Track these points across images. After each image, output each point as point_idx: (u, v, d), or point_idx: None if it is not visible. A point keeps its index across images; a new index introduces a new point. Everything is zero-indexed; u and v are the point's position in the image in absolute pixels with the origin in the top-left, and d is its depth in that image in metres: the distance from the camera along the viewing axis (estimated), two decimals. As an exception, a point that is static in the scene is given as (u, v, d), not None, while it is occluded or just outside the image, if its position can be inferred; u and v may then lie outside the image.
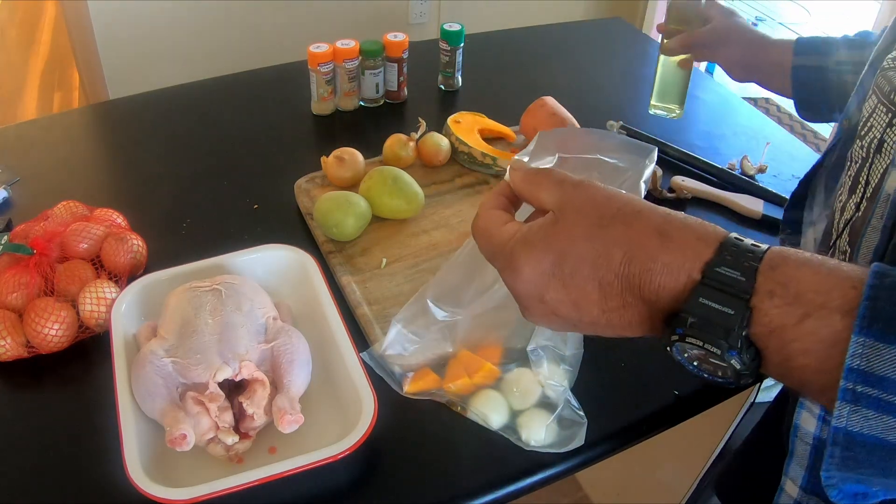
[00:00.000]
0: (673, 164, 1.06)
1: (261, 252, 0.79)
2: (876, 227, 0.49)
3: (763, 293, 0.37)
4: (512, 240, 0.45)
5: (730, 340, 0.37)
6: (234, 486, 0.58)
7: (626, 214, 0.41)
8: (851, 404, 0.34)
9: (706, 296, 0.38)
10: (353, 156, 0.95)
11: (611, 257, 0.40)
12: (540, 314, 0.44)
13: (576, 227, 0.42)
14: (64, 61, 2.80)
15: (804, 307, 0.36)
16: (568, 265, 0.42)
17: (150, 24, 1.94)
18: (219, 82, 1.22)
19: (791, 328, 0.36)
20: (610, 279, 0.41)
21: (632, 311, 0.41)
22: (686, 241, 0.39)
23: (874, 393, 0.34)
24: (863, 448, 0.35)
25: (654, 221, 0.41)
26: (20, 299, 0.73)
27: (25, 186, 0.95)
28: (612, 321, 0.42)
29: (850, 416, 0.34)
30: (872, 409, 0.34)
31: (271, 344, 0.67)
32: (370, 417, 0.63)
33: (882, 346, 0.33)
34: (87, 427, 0.67)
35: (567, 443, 0.66)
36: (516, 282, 0.44)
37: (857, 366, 0.34)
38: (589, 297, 0.42)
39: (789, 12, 2.27)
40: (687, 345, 0.39)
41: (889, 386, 0.33)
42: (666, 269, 0.39)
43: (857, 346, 0.34)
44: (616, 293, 0.41)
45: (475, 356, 0.71)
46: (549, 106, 1.03)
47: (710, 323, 0.38)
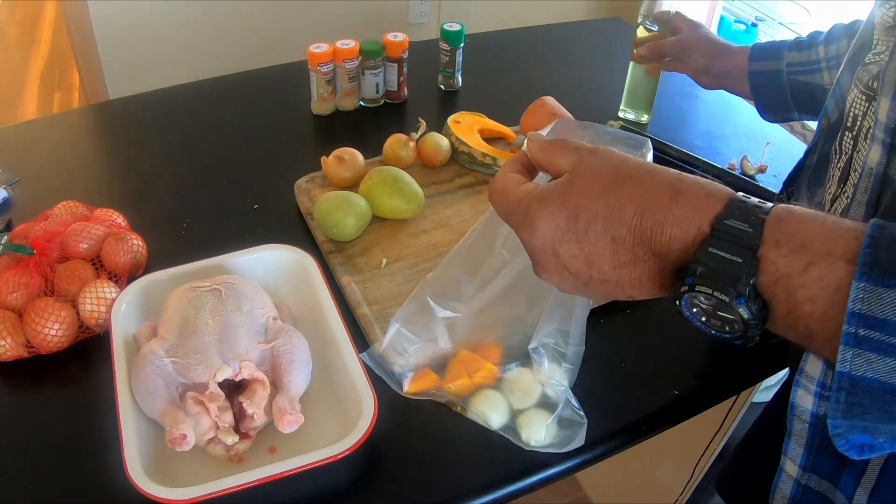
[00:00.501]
0: (673, 164, 1.06)
1: (261, 252, 0.79)
2: (860, 201, 0.51)
3: (770, 243, 0.38)
4: (528, 196, 0.46)
5: (738, 288, 0.38)
6: (234, 486, 0.58)
7: (640, 173, 0.43)
8: (854, 348, 0.35)
9: (715, 246, 0.39)
10: (353, 156, 0.95)
11: (623, 212, 0.42)
12: (553, 270, 0.46)
13: (591, 185, 0.44)
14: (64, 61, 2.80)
15: (809, 255, 0.37)
16: (582, 220, 0.43)
17: (150, 24, 1.94)
18: (219, 82, 1.22)
19: (797, 276, 0.37)
20: (622, 234, 0.42)
21: (642, 267, 0.43)
22: (697, 197, 0.41)
23: (876, 336, 0.35)
24: (867, 392, 0.36)
25: (667, 179, 0.42)
26: (20, 299, 0.73)
27: (25, 186, 0.95)
28: (623, 277, 0.44)
29: (853, 360, 0.36)
30: (874, 351, 0.35)
31: (271, 344, 0.67)
32: (370, 417, 0.63)
33: (882, 291, 0.34)
34: (87, 427, 0.67)
35: (567, 443, 0.66)
36: (532, 236, 0.45)
37: (859, 310, 0.35)
38: (601, 253, 0.43)
39: (789, 12, 2.27)
40: (697, 293, 0.40)
41: (890, 328, 0.34)
42: (677, 221, 0.41)
43: (859, 292, 0.35)
44: (628, 247, 0.42)
45: (475, 356, 0.71)
46: (549, 106, 1.03)
47: (719, 271, 0.39)
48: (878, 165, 0.49)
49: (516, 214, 0.47)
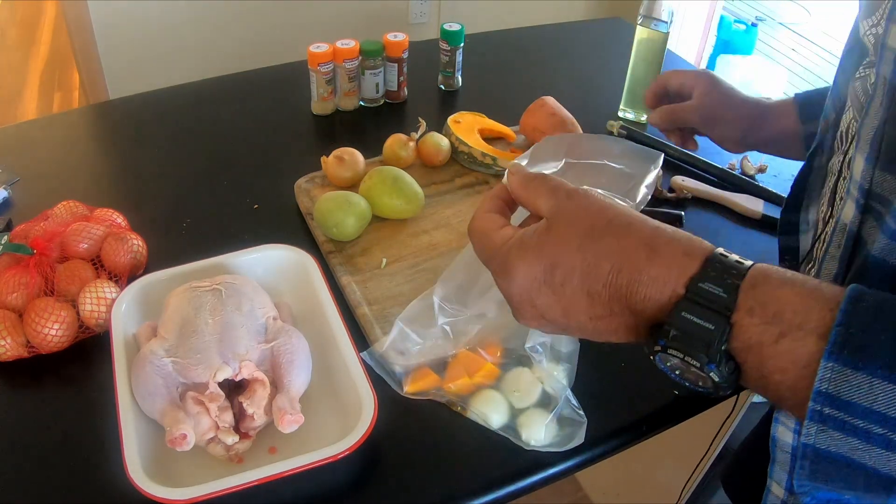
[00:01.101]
0: (673, 164, 1.06)
1: (261, 252, 0.79)
2: (833, 255, 0.49)
3: (744, 310, 0.38)
4: (506, 244, 0.46)
5: (709, 354, 0.39)
6: (234, 486, 0.58)
7: (617, 226, 0.43)
8: (819, 424, 0.36)
9: (688, 310, 0.39)
10: (353, 156, 0.95)
11: (600, 268, 0.42)
12: (530, 317, 0.46)
13: (568, 236, 0.44)
14: (64, 61, 2.80)
15: (781, 326, 0.37)
16: (559, 274, 0.43)
17: (150, 24, 1.94)
18: (219, 82, 1.22)
19: (768, 346, 0.37)
20: (598, 289, 0.42)
21: (618, 320, 0.43)
22: (673, 256, 0.41)
23: (840, 416, 0.35)
24: (830, 464, 0.36)
25: (644, 235, 0.42)
26: (20, 299, 0.73)
27: (25, 186, 0.95)
28: (600, 328, 0.44)
29: (817, 435, 0.36)
30: (838, 430, 0.35)
31: (271, 344, 0.67)
32: (370, 417, 0.63)
33: (850, 372, 0.34)
34: (87, 427, 0.67)
35: (567, 442, 0.66)
36: (510, 286, 0.46)
37: (826, 389, 0.35)
38: (578, 305, 0.43)
39: (789, 12, 2.27)
40: (669, 356, 0.41)
41: (854, 410, 0.34)
42: (652, 281, 0.41)
43: (826, 371, 0.35)
44: (604, 302, 0.43)
45: (475, 356, 0.71)
46: (549, 106, 1.03)
47: (692, 336, 0.39)
48: (852, 223, 0.47)
49: (495, 262, 0.47)
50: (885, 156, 0.43)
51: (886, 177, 0.43)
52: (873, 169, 0.44)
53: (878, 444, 0.35)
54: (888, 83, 0.42)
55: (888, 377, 0.34)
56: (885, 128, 0.43)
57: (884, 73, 0.42)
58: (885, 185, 0.44)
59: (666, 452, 1.24)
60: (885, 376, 0.34)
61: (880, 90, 0.43)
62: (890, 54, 0.42)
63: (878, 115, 0.43)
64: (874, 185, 0.44)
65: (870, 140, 0.44)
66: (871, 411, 0.34)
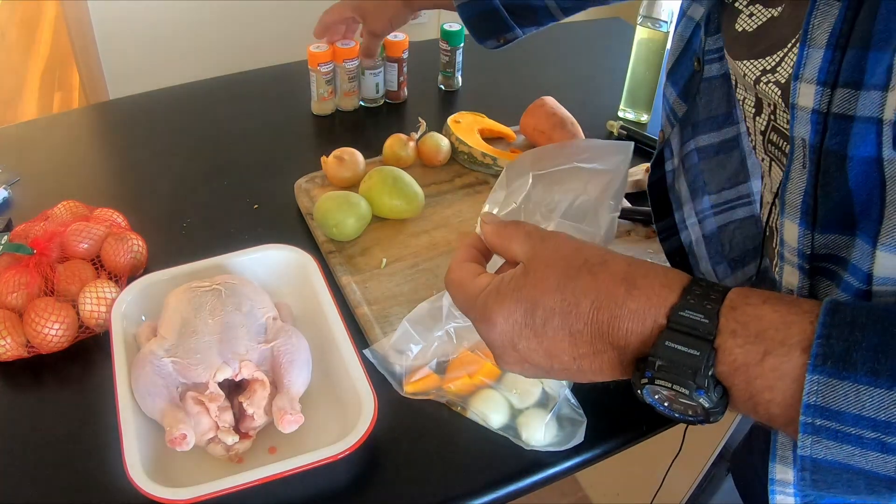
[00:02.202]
0: (673, 164, 1.06)
1: (261, 252, 0.79)
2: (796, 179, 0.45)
3: (727, 333, 0.39)
4: (484, 292, 0.46)
5: (697, 381, 0.39)
6: (234, 486, 0.58)
7: (593, 265, 0.43)
8: (813, 436, 0.36)
9: (672, 339, 0.39)
10: (353, 156, 0.95)
11: (580, 306, 0.42)
12: (513, 361, 0.46)
13: (545, 278, 0.44)
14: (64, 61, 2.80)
15: (765, 344, 0.37)
16: (539, 315, 0.43)
17: (150, 24, 1.94)
18: (219, 82, 1.22)
19: (754, 366, 0.38)
20: (579, 328, 0.42)
21: (602, 357, 0.43)
22: (651, 288, 0.41)
23: (832, 425, 0.35)
24: (829, 472, 0.37)
25: (620, 270, 0.42)
26: (20, 299, 0.74)
27: (25, 186, 0.95)
28: (584, 367, 0.44)
29: (812, 447, 0.36)
30: (832, 440, 0.35)
31: (271, 344, 0.67)
32: (370, 417, 0.63)
33: (836, 382, 0.35)
34: (87, 427, 0.67)
35: (567, 442, 0.66)
36: (490, 332, 0.45)
37: (814, 402, 0.35)
38: (560, 346, 0.43)
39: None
40: (656, 387, 0.41)
41: (845, 419, 0.35)
42: (633, 315, 0.41)
43: (813, 384, 0.35)
44: (586, 341, 0.42)
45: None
46: (549, 106, 1.03)
47: (678, 365, 0.39)
48: (800, 290, 0.46)
49: (474, 310, 0.47)
50: (825, 220, 0.42)
51: (832, 236, 0.42)
52: (812, 233, 0.43)
53: (872, 448, 0.35)
54: (809, 145, 0.40)
55: (873, 382, 0.34)
56: (815, 193, 0.41)
57: (801, 135, 0.41)
58: (832, 245, 0.42)
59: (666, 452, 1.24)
60: (870, 381, 0.34)
61: (799, 151, 0.41)
62: (804, 114, 0.40)
63: (802, 179, 0.42)
64: (817, 248, 0.43)
65: (798, 206, 0.43)
66: (860, 417, 0.34)
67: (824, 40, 0.38)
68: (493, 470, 0.66)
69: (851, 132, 0.38)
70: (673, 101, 0.64)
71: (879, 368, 0.34)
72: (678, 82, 0.63)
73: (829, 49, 0.38)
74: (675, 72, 0.63)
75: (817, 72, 0.39)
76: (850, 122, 0.38)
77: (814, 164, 0.41)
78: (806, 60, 0.39)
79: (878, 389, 0.34)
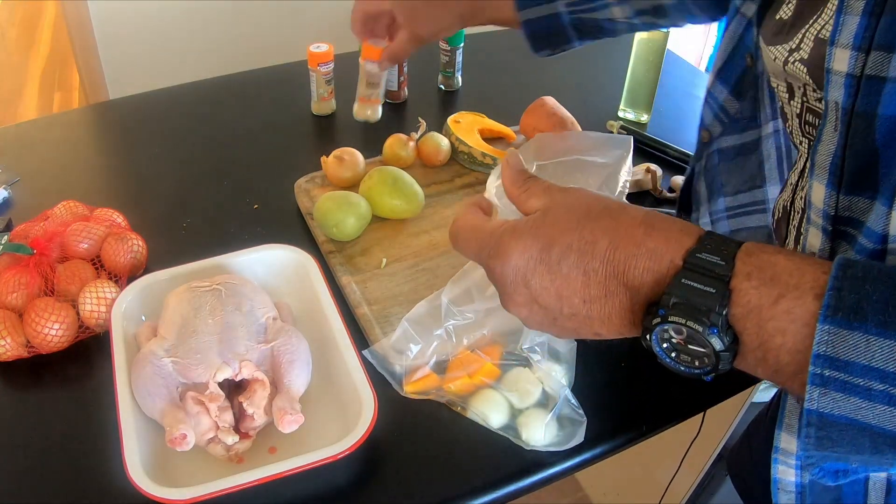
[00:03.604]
0: (673, 164, 1.06)
1: (261, 252, 0.79)
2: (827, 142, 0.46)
3: (742, 275, 0.39)
4: (500, 229, 0.46)
5: (711, 318, 0.39)
6: (234, 486, 0.58)
7: (613, 210, 0.44)
8: (821, 387, 0.36)
9: (688, 277, 0.40)
10: (353, 156, 0.95)
11: (597, 245, 0.43)
12: (522, 302, 0.46)
13: (565, 218, 0.44)
14: (64, 61, 2.80)
15: (779, 288, 0.38)
16: (555, 252, 0.43)
17: (150, 24, 1.94)
18: (219, 82, 1.22)
19: (767, 308, 0.38)
20: (595, 266, 0.43)
21: (613, 301, 0.43)
22: (670, 231, 0.42)
23: (840, 376, 0.36)
24: (834, 427, 0.37)
25: (640, 215, 0.43)
26: (20, 299, 0.74)
27: (25, 186, 0.95)
28: (592, 312, 0.44)
29: (820, 399, 0.37)
30: (840, 391, 0.36)
31: (271, 344, 0.67)
32: (370, 417, 0.63)
33: (846, 333, 0.35)
34: (87, 427, 0.67)
35: (567, 441, 0.66)
36: (504, 267, 0.45)
37: (824, 352, 0.36)
38: (573, 286, 0.43)
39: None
40: (669, 325, 0.41)
41: (854, 369, 0.35)
42: (650, 254, 0.42)
43: (823, 334, 0.36)
44: (600, 280, 0.43)
45: (475, 356, 0.71)
46: (549, 106, 1.03)
47: (693, 302, 0.40)
48: (821, 252, 0.47)
49: (487, 247, 0.47)
50: (850, 179, 0.43)
51: (854, 199, 0.43)
52: (837, 195, 0.44)
53: (879, 400, 0.35)
54: (841, 108, 0.42)
55: (883, 333, 0.35)
56: (843, 154, 0.43)
57: (834, 98, 0.42)
58: (855, 208, 0.44)
59: (666, 452, 1.24)
60: (880, 333, 0.35)
61: (832, 114, 0.43)
62: (838, 78, 0.41)
63: (832, 141, 0.43)
64: (840, 210, 0.44)
65: (827, 167, 0.44)
66: (869, 368, 0.35)
67: (860, 8, 0.40)
68: (493, 470, 0.66)
69: (883, 92, 0.39)
70: (724, 100, 0.64)
71: (889, 321, 0.35)
72: (729, 80, 0.63)
73: (865, 16, 0.40)
74: (725, 70, 0.63)
75: (853, 37, 0.40)
76: (882, 84, 0.39)
77: (844, 125, 0.42)
78: (842, 27, 0.41)
79: (887, 341, 0.35)
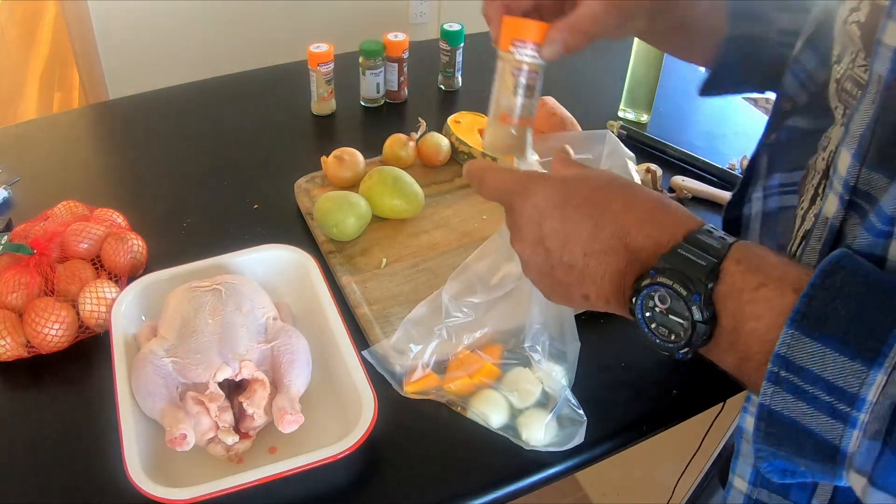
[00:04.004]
0: (673, 164, 1.06)
1: (261, 252, 0.79)
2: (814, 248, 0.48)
3: (732, 259, 0.42)
4: (529, 174, 0.51)
5: (697, 286, 0.42)
6: (234, 486, 0.58)
7: (635, 186, 0.49)
8: (774, 385, 0.38)
9: (684, 250, 0.44)
10: (353, 156, 0.95)
11: (612, 204, 0.47)
12: (530, 239, 0.50)
13: (590, 180, 0.49)
14: (64, 61, 2.80)
15: (763, 276, 0.41)
16: (573, 202, 0.48)
17: (150, 24, 1.94)
18: (219, 82, 1.22)
19: (748, 291, 0.41)
20: (604, 222, 0.47)
21: (611, 259, 0.47)
22: (677, 212, 0.46)
23: (793, 379, 0.38)
24: (782, 426, 0.39)
25: (656, 195, 0.48)
26: (20, 299, 0.74)
27: (25, 186, 0.95)
28: (589, 267, 0.47)
29: (772, 396, 0.39)
30: (791, 393, 0.38)
31: (271, 344, 0.67)
32: (370, 417, 0.63)
33: (807, 340, 0.37)
34: (87, 427, 0.67)
35: (567, 442, 0.66)
36: (524, 203, 0.50)
37: (784, 353, 0.38)
38: (579, 234, 0.47)
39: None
40: (657, 287, 0.44)
41: (806, 376, 0.37)
42: (657, 224, 0.46)
43: (787, 336, 0.38)
44: (606, 236, 0.46)
45: (475, 355, 0.71)
46: (549, 106, 1.03)
47: (683, 269, 0.43)
48: (834, 219, 0.47)
49: (516, 187, 0.51)
50: (875, 154, 0.43)
51: (874, 175, 0.44)
52: (860, 166, 0.44)
53: (824, 410, 0.37)
54: (884, 81, 0.42)
55: (839, 349, 0.36)
56: (875, 126, 0.43)
57: (879, 71, 0.42)
58: (873, 183, 0.44)
59: (666, 452, 1.24)
60: (837, 348, 0.36)
61: (874, 86, 0.43)
62: (886, 51, 0.41)
63: (868, 112, 0.43)
64: (860, 183, 0.45)
65: (858, 137, 0.44)
66: (819, 378, 0.37)
67: None
68: (493, 470, 0.66)
69: None
70: (812, 68, 0.59)
71: (849, 338, 0.36)
72: (818, 48, 0.59)
73: None
74: (815, 38, 0.59)
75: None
76: None
77: (883, 98, 0.42)
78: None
79: (841, 357, 0.36)
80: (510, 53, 0.57)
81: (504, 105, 0.57)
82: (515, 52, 0.56)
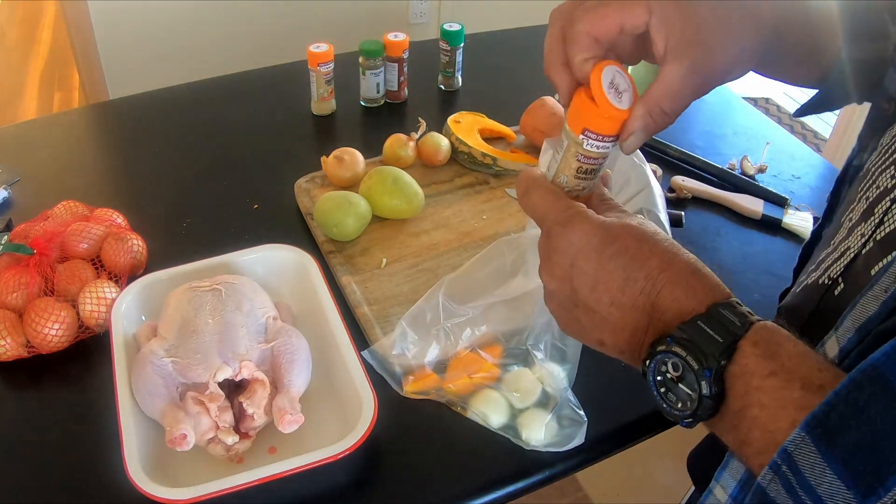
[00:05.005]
0: (673, 164, 1.06)
1: (261, 252, 0.79)
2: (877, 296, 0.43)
3: (749, 340, 0.41)
4: (576, 206, 0.49)
5: (709, 362, 0.41)
6: (234, 486, 0.58)
7: (675, 245, 0.47)
8: (773, 474, 0.38)
9: (705, 323, 0.43)
10: (353, 156, 0.95)
11: (649, 261, 0.45)
12: (557, 275, 0.48)
13: (633, 231, 0.47)
14: (64, 61, 2.80)
15: (776, 365, 0.40)
16: (612, 249, 0.46)
17: (150, 24, 1.94)
18: (219, 82, 1.22)
19: (758, 377, 0.40)
20: (638, 276, 0.45)
21: (636, 315, 0.45)
22: (710, 280, 0.45)
23: (791, 479, 0.38)
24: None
25: (694, 258, 0.46)
26: (20, 299, 0.74)
27: (25, 186, 0.95)
28: (612, 317, 0.46)
29: (769, 483, 0.39)
30: (785, 489, 0.38)
31: (271, 344, 0.67)
32: (370, 417, 0.63)
33: (813, 449, 0.37)
34: (87, 427, 0.67)
35: (567, 442, 0.66)
36: (562, 238, 0.48)
37: (790, 450, 0.37)
38: (610, 284, 0.46)
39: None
40: (671, 355, 0.43)
41: (802, 481, 0.37)
42: (687, 289, 0.44)
43: (797, 437, 0.37)
44: (635, 292, 0.45)
45: (475, 356, 0.71)
46: (549, 106, 1.03)
47: (699, 342, 0.42)
48: None
49: (559, 216, 0.48)
50: None
51: None
52: None
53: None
54: None
55: (839, 473, 0.36)
56: None
57: None
58: None
59: (666, 452, 1.24)
60: (838, 472, 0.36)
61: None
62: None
63: None
64: None
65: None
66: (813, 490, 0.37)
67: None
68: (493, 470, 0.66)
69: None
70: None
71: (852, 466, 0.36)
72: None
73: None
74: None
75: None
76: None
77: None
78: None
79: (837, 480, 0.36)
80: (580, 139, 0.49)
81: (562, 182, 0.52)
82: (585, 141, 0.49)
